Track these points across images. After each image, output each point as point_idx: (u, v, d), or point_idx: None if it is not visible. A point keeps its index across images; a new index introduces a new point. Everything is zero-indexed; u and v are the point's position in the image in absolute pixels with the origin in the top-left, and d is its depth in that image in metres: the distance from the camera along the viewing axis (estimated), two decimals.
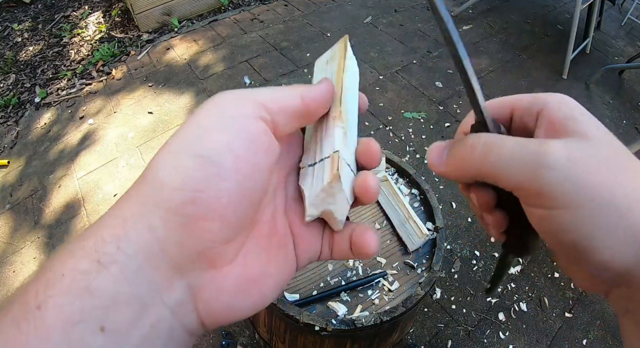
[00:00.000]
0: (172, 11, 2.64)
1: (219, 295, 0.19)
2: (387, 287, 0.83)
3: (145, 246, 0.16)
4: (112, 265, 0.15)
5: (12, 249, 1.59)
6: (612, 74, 2.52)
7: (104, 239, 0.16)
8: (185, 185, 0.16)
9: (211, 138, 0.17)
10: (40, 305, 0.15)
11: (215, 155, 0.17)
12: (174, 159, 0.17)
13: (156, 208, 0.16)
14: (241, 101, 0.20)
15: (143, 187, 0.17)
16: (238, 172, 0.18)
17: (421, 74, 2.36)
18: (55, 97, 2.23)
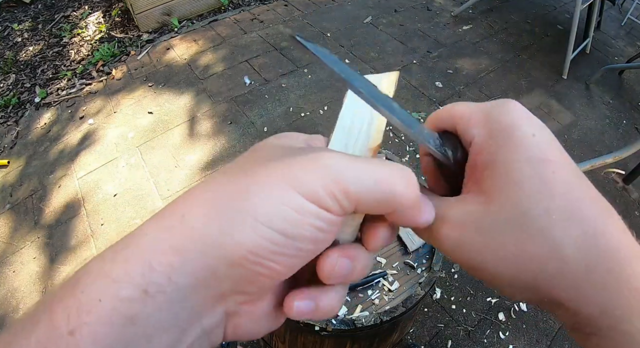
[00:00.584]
0: (172, 11, 2.64)
1: (249, 321, 0.20)
2: (387, 287, 0.83)
3: (198, 281, 0.16)
4: (160, 295, 0.15)
5: (12, 249, 1.59)
6: (612, 74, 2.52)
7: (151, 266, 0.15)
8: (264, 254, 0.16)
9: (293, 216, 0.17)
10: (73, 332, 0.14)
11: (296, 237, 0.17)
12: (260, 227, 0.16)
13: (224, 257, 0.16)
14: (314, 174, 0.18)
15: (214, 232, 0.16)
16: (307, 251, 0.18)
17: (421, 74, 2.36)
18: (55, 97, 2.23)
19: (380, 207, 0.19)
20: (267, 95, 2.17)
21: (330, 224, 0.18)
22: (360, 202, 0.18)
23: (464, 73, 2.38)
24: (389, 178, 0.18)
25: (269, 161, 0.18)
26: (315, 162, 0.18)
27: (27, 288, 1.48)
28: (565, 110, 2.22)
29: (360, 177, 0.18)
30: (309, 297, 0.20)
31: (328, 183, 0.17)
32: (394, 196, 0.18)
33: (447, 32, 2.71)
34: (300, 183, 0.17)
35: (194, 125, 2.03)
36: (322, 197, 0.17)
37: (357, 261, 0.20)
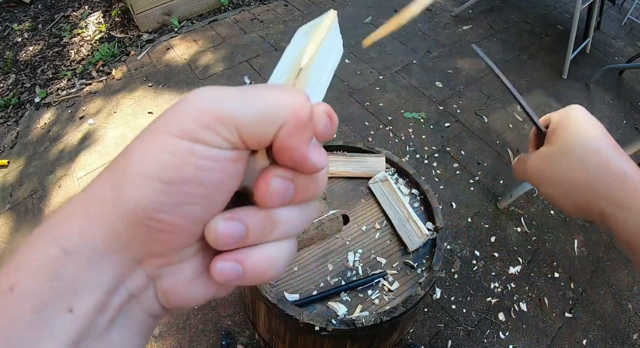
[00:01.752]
0: (172, 11, 2.64)
1: (177, 286, 0.20)
2: (387, 287, 0.83)
3: (109, 242, 0.17)
4: (77, 255, 0.16)
5: (12, 249, 1.59)
6: (612, 74, 2.52)
7: (70, 229, 0.17)
8: (152, 206, 0.16)
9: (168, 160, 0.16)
10: (12, 287, 0.15)
11: (178, 183, 0.16)
12: (138, 179, 0.16)
13: (120, 216, 0.17)
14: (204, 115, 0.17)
15: (108, 193, 0.17)
16: (201, 196, 0.17)
17: (421, 74, 2.36)
18: (55, 97, 2.23)
19: (266, 127, 0.17)
20: None
21: (214, 160, 0.17)
22: (241, 125, 0.17)
23: (464, 73, 2.38)
24: (268, 93, 0.17)
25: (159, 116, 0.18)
26: (185, 101, 0.17)
27: None
28: None
29: (233, 99, 0.17)
30: (233, 258, 0.19)
31: (198, 114, 0.16)
32: (276, 110, 0.17)
33: (447, 32, 2.71)
34: (171, 123, 0.17)
35: None
36: (194, 131, 0.16)
37: (250, 221, 0.18)
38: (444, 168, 1.88)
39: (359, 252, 0.88)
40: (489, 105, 2.20)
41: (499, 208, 1.75)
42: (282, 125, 0.17)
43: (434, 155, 1.93)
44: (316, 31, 0.22)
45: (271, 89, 0.18)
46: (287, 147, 0.18)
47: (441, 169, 1.88)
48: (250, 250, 0.19)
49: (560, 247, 1.66)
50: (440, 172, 1.86)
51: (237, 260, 0.19)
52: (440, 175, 1.85)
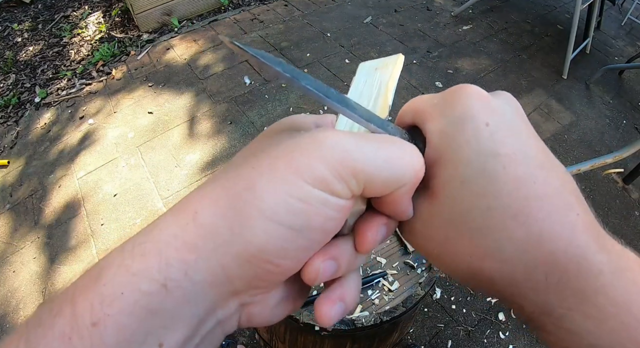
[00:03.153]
0: (172, 11, 2.64)
1: (263, 309, 0.20)
2: (387, 287, 0.83)
3: (213, 278, 0.16)
4: (177, 290, 0.15)
5: (12, 249, 1.59)
6: (612, 74, 2.52)
7: (169, 262, 0.15)
8: (275, 252, 0.16)
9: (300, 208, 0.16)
10: (96, 323, 0.14)
11: (304, 230, 0.16)
12: (266, 223, 0.16)
13: (235, 256, 0.16)
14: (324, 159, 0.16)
15: (223, 229, 0.16)
16: (318, 242, 0.18)
17: (421, 74, 2.36)
18: (55, 97, 2.23)
19: (390, 185, 0.18)
20: (267, 95, 2.17)
21: (339, 211, 0.17)
22: (370, 181, 0.17)
23: (464, 73, 2.38)
24: (399, 155, 0.18)
25: (273, 149, 0.18)
26: (318, 144, 0.17)
27: (27, 288, 1.48)
28: (565, 110, 2.22)
29: (368, 154, 0.17)
30: (337, 298, 0.20)
31: (334, 164, 0.16)
32: (403, 172, 0.18)
33: (447, 32, 2.71)
34: (303, 169, 0.16)
35: (194, 125, 2.03)
36: (328, 181, 0.16)
37: (343, 260, 0.19)
38: None
39: None
40: None
41: None
42: (403, 186, 0.18)
43: None
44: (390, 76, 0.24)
45: (398, 148, 0.18)
46: (399, 202, 0.19)
47: None
48: (347, 287, 0.20)
49: None
50: None
51: (340, 299, 0.20)
52: None
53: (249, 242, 0.16)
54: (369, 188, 0.17)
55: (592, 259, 0.17)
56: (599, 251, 0.18)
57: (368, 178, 0.17)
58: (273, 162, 0.17)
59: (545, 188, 0.18)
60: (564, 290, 0.18)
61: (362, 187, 0.17)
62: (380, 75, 0.24)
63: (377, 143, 0.18)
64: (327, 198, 0.16)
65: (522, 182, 0.18)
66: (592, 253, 0.18)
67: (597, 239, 0.18)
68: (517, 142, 0.19)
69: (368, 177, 0.17)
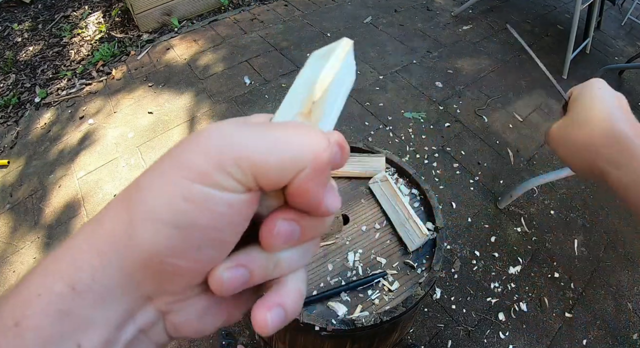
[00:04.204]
0: (172, 11, 2.64)
1: (186, 319, 0.19)
2: (387, 287, 0.83)
3: (119, 281, 0.16)
4: (87, 293, 0.16)
5: (12, 249, 1.59)
6: (612, 74, 2.52)
7: (78, 266, 0.16)
8: (165, 251, 0.16)
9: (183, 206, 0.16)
10: (18, 323, 0.15)
11: (191, 228, 0.16)
12: (151, 224, 0.16)
13: (133, 258, 0.16)
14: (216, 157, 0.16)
15: (120, 233, 0.16)
16: (216, 240, 0.17)
17: (421, 74, 2.36)
18: (55, 97, 2.23)
19: (284, 171, 0.16)
20: (267, 95, 2.17)
21: (229, 205, 0.16)
22: (258, 168, 0.16)
23: (464, 73, 2.38)
24: (289, 136, 0.17)
25: (170, 149, 0.17)
26: (199, 137, 0.16)
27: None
28: None
29: (252, 139, 0.16)
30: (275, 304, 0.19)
31: (212, 155, 0.15)
32: (298, 154, 0.16)
33: (447, 32, 2.71)
34: (183, 164, 0.16)
35: (194, 125, 2.03)
36: (209, 174, 0.15)
37: (254, 265, 0.18)
38: (444, 168, 1.88)
39: (359, 252, 0.88)
40: (489, 105, 2.20)
41: (499, 208, 1.75)
42: (301, 170, 0.16)
43: (434, 155, 1.93)
44: (330, 60, 0.23)
45: (291, 130, 0.17)
46: (303, 191, 0.17)
47: (441, 169, 1.88)
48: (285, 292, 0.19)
49: (560, 247, 1.66)
50: (440, 172, 1.86)
51: (278, 304, 0.19)
52: (440, 175, 1.85)
53: (140, 244, 0.16)
54: (262, 177, 0.16)
55: (633, 140, 0.38)
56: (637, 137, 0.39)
57: (254, 165, 0.16)
58: (159, 162, 0.17)
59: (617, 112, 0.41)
60: (622, 150, 0.38)
61: (252, 176, 0.16)
62: (324, 61, 0.23)
63: (267, 128, 0.17)
64: (210, 193, 0.15)
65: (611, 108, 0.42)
66: (633, 138, 0.38)
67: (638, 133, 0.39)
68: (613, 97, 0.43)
69: (254, 164, 0.16)
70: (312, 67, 0.23)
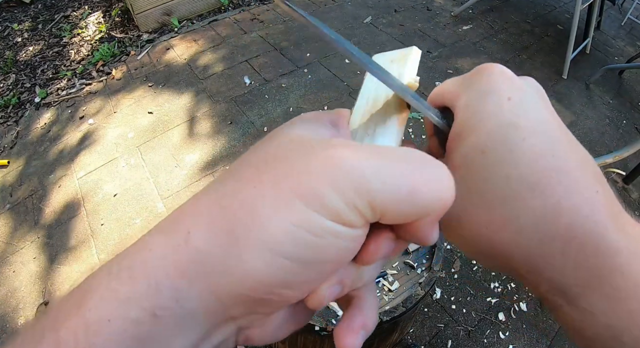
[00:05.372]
0: (172, 11, 2.64)
1: (263, 332, 0.18)
2: (387, 287, 0.83)
3: (207, 305, 0.15)
4: (168, 318, 0.14)
5: (12, 249, 1.59)
6: (612, 74, 2.52)
7: (159, 289, 0.14)
8: (277, 284, 0.15)
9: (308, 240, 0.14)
10: None
11: (313, 263, 0.15)
12: (266, 254, 0.14)
13: (231, 286, 0.15)
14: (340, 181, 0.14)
15: (217, 256, 0.14)
16: (328, 272, 0.16)
17: (421, 73, 2.35)
18: (55, 97, 2.23)
19: (411, 217, 0.16)
20: (267, 95, 2.17)
21: (353, 241, 0.16)
22: (388, 212, 0.15)
23: (464, 73, 2.37)
24: (426, 185, 0.15)
25: (279, 163, 0.16)
26: (330, 166, 0.15)
27: (27, 288, 1.48)
28: (565, 110, 2.22)
29: (390, 185, 0.15)
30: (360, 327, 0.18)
31: (347, 193, 0.14)
32: (429, 204, 0.15)
33: (447, 32, 2.71)
34: (312, 196, 0.14)
35: (194, 125, 2.03)
36: (341, 212, 0.14)
37: (347, 280, 0.18)
38: None
39: None
40: None
41: None
42: (427, 216, 0.16)
43: None
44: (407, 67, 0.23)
45: (425, 171, 0.16)
46: (417, 231, 0.16)
47: None
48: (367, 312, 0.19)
49: None
50: None
51: (363, 328, 0.18)
52: None
53: (248, 274, 0.14)
54: (387, 218, 0.15)
55: (609, 237, 0.17)
56: (617, 231, 0.18)
57: (386, 208, 0.15)
58: (277, 183, 0.15)
59: (565, 162, 0.19)
60: (580, 267, 0.17)
61: (379, 216, 0.15)
62: (397, 67, 0.23)
63: (402, 167, 0.15)
64: (339, 230, 0.15)
65: (541, 154, 0.18)
66: (610, 232, 0.17)
67: (617, 219, 0.18)
68: (538, 117, 0.19)
69: (386, 208, 0.15)
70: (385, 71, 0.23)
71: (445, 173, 0.16)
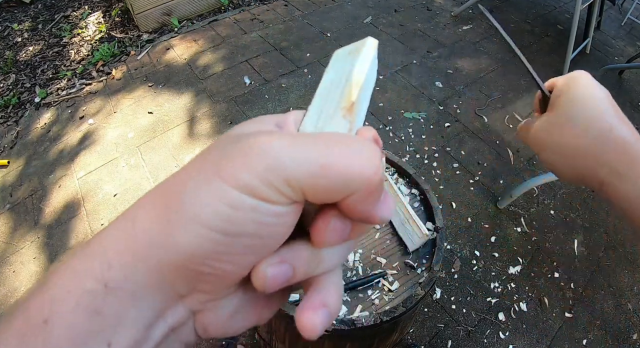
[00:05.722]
0: (172, 11, 2.64)
1: (217, 319, 0.19)
2: (387, 287, 0.83)
3: (152, 280, 0.16)
4: (119, 290, 0.16)
5: (12, 249, 1.59)
6: (612, 74, 2.52)
7: (110, 264, 0.16)
8: (207, 255, 0.16)
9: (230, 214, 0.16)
10: (47, 320, 0.15)
11: (238, 236, 0.16)
12: (195, 227, 0.16)
13: (170, 260, 0.16)
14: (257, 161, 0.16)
15: (156, 234, 0.16)
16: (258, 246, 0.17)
17: (421, 74, 2.36)
18: (55, 97, 2.23)
19: (333, 194, 0.16)
20: (267, 95, 2.17)
21: (276, 216, 0.16)
22: (308, 189, 0.16)
23: (464, 73, 2.38)
24: (339, 160, 0.16)
25: (209, 153, 0.18)
26: (249, 149, 0.16)
27: (27, 288, 1.48)
28: None
29: (301, 161, 0.16)
30: (320, 304, 0.18)
31: (262, 171, 0.16)
32: (349, 179, 0.16)
33: (447, 32, 2.71)
34: (232, 175, 0.16)
35: (194, 125, 2.03)
36: (257, 188, 0.16)
37: (298, 262, 0.18)
38: (444, 168, 1.88)
39: (359, 252, 0.88)
40: (489, 105, 2.20)
41: (499, 208, 1.75)
42: (353, 193, 0.16)
43: (434, 155, 1.93)
44: (359, 59, 0.23)
45: (343, 148, 0.17)
46: (353, 210, 0.17)
47: (441, 169, 1.88)
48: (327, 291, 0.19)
49: (560, 247, 1.66)
50: (440, 172, 1.86)
51: (323, 305, 0.19)
52: (440, 175, 1.85)
53: (181, 246, 0.16)
54: (311, 195, 0.16)
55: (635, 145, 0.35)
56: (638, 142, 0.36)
57: (305, 185, 0.16)
58: (202, 167, 0.17)
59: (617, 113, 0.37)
60: (622, 159, 0.35)
61: (301, 193, 0.16)
62: (352, 58, 0.23)
63: (317, 146, 0.16)
64: (257, 204, 0.16)
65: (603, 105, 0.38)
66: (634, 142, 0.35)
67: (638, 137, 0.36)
68: (604, 93, 0.39)
69: (305, 185, 0.16)
70: (340, 65, 0.23)
71: (366, 148, 0.17)
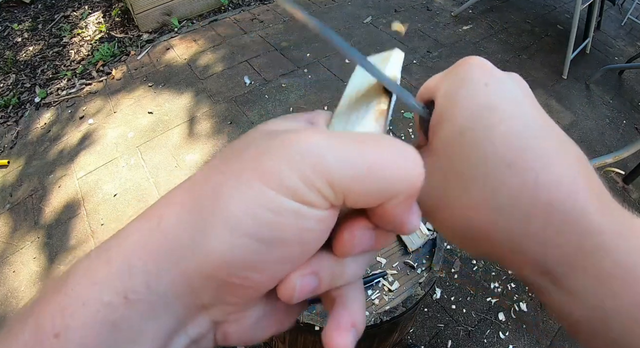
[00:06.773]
0: (172, 11, 2.64)
1: (239, 330, 0.18)
2: (387, 287, 0.83)
3: (177, 290, 0.15)
4: (140, 303, 0.14)
5: (12, 249, 1.59)
6: (612, 74, 2.52)
7: (131, 272, 0.15)
8: (241, 265, 0.15)
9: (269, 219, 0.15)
10: (58, 334, 0.14)
11: (276, 243, 0.15)
12: (230, 234, 0.14)
13: (198, 267, 0.15)
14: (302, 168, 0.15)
15: (185, 238, 0.15)
16: (295, 255, 0.16)
17: (421, 74, 2.36)
18: (55, 97, 2.23)
19: (374, 198, 0.16)
20: (267, 95, 2.17)
21: (318, 221, 0.15)
22: (350, 192, 0.15)
23: None
24: (387, 162, 0.15)
25: (244, 150, 0.16)
26: (288, 147, 0.15)
27: (27, 288, 1.48)
28: (565, 110, 2.22)
29: (346, 161, 0.15)
30: (349, 325, 0.18)
31: (305, 171, 0.14)
32: (393, 183, 0.15)
33: (447, 32, 2.71)
34: (271, 176, 0.15)
35: (194, 125, 2.03)
36: (300, 191, 0.14)
37: (324, 273, 0.17)
38: None
39: None
40: None
41: None
42: (394, 197, 0.16)
43: None
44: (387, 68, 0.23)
45: (386, 151, 0.16)
46: (391, 215, 0.16)
47: None
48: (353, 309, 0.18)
49: None
50: None
51: (352, 325, 0.18)
52: None
53: (211, 253, 0.14)
54: (352, 199, 0.15)
55: (592, 216, 0.17)
56: (600, 211, 0.17)
57: (348, 188, 0.15)
58: (240, 166, 0.15)
59: (543, 141, 0.18)
60: (562, 245, 0.17)
61: (342, 197, 0.15)
62: (380, 66, 0.23)
63: (362, 146, 0.15)
64: (300, 209, 0.15)
65: (518, 134, 0.18)
66: (592, 211, 0.17)
67: (600, 200, 0.18)
68: (515, 101, 0.19)
69: (348, 187, 0.15)
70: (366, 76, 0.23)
71: (411, 152, 0.16)
